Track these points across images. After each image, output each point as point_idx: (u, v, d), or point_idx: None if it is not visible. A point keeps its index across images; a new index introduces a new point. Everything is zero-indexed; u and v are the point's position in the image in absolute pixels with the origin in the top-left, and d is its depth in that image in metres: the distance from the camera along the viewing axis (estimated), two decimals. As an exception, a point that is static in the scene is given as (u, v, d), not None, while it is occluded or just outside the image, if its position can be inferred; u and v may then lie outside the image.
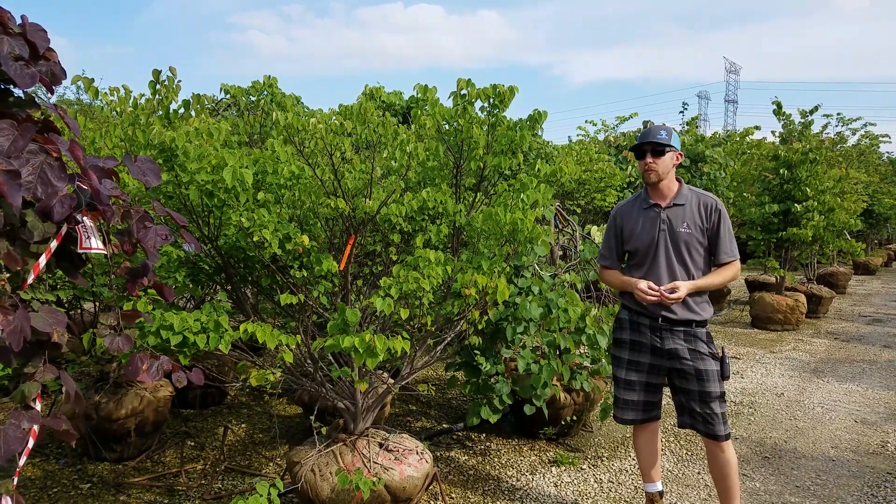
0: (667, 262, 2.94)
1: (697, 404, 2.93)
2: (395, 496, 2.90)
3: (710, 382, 2.89)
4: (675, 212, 2.95)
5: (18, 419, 1.73)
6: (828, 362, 6.97)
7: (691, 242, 2.92)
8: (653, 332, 3.00)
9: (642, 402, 3.08)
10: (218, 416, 4.80)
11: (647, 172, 2.95)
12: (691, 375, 2.92)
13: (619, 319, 3.18)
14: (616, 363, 3.16)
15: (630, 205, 3.12)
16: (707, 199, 2.98)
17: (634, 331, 3.07)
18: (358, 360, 2.34)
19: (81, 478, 3.73)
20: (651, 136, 2.93)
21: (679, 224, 2.93)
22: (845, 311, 10.49)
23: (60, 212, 1.64)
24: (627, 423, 3.12)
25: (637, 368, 3.06)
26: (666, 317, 2.94)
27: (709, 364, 2.90)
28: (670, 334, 2.95)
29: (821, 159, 8.11)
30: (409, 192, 2.72)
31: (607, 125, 8.57)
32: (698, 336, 2.94)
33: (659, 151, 2.91)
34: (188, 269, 2.97)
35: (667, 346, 2.96)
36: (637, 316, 3.05)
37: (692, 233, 2.92)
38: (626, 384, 3.09)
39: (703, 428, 2.94)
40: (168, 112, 3.55)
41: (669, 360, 2.98)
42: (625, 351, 3.10)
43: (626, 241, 3.07)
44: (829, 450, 4.37)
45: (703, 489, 3.71)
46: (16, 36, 1.71)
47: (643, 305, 2.97)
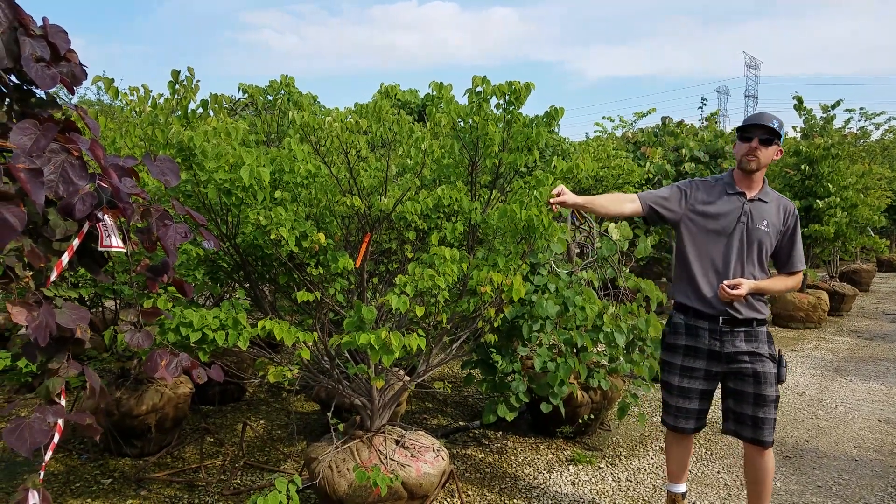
0: (737, 254, 2.78)
1: (750, 408, 2.80)
2: (412, 493, 2.91)
3: (767, 386, 2.77)
4: (758, 207, 2.79)
5: (43, 413, 1.76)
6: (850, 361, 6.88)
7: (765, 242, 2.77)
8: (712, 336, 2.83)
9: (696, 411, 2.93)
10: (237, 413, 4.85)
11: (748, 158, 2.73)
12: (748, 377, 2.79)
13: (673, 324, 2.99)
14: (667, 369, 2.98)
15: (710, 184, 2.91)
16: (786, 203, 2.84)
17: (691, 336, 2.89)
18: (374, 357, 2.35)
19: (103, 473, 3.78)
20: (764, 121, 2.71)
21: (759, 221, 2.77)
22: (868, 309, 10.33)
23: (82, 210, 1.66)
24: (683, 431, 2.97)
25: (692, 375, 2.90)
26: (729, 317, 2.79)
27: (767, 366, 2.78)
28: (731, 336, 2.80)
29: (843, 155, 8.01)
30: (425, 190, 2.72)
31: (625, 121, 8.51)
32: (759, 336, 2.81)
33: (768, 140, 2.70)
34: (207, 267, 3.00)
35: (726, 349, 2.81)
36: (695, 319, 2.88)
37: (769, 233, 2.77)
38: (681, 391, 2.93)
39: (750, 434, 2.82)
40: (186, 112, 3.59)
41: (727, 364, 2.83)
42: (678, 356, 2.93)
43: (693, 216, 2.86)
44: (852, 449, 4.32)
45: (723, 489, 3.68)
46: (37, 38, 1.73)
47: (705, 305, 2.82)
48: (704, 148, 5.49)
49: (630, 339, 4.02)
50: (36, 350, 1.78)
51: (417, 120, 6.66)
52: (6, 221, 1.43)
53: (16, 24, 1.68)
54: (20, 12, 1.70)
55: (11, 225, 1.44)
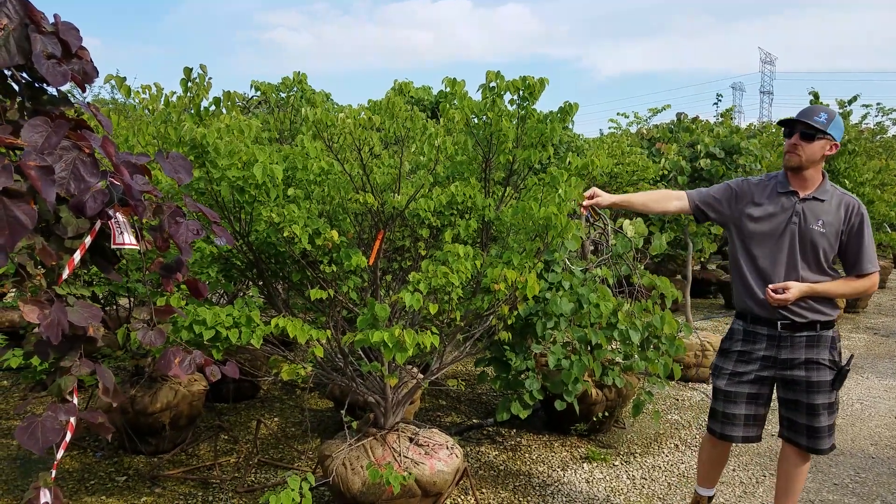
0: (789, 257, 2.64)
1: (804, 417, 2.69)
2: (426, 491, 2.89)
3: (819, 394, 2.65)
4: (812, 206, 2.62)
5: (55, 412, 1.75)
6: (867, 358, 6.80)
7: (821, 244, 2.60)
8: (770, 341, 2.71)
9: (744, 416, 2.78)
10: (251, 410, 4.85)
11: (789, 154, 2.62)
12: (801, 387, 2.68)
13: (731, 330, 2.87)
14: (717, 374, 2.87)
15: (762, 183, 2.77)
16: (850, 200, 2.64)
17: (748, 341, 2.77)
18: (388, 354, 2.33)
19: (118, 470, 3.80)
20: (805, 117, 2.58)
21: (814, 220, 2.61)
22: (885, 306, 10.21)
23: (93, 207, 1.65)
24: (729, 440, 2.84)
25: (740, 380, 2.77)
26: (786, 321, 2.65)
27: (823, 374, 2.64)
28: (790, 341, 2.67)
29: (860, 150, 7.93)
30: (438, 187, 2.70)
31: (640, 117, 8.45)
32: (822, 341, 2.65)
33: (809, 135, 2.56)
34: (220, 265, 2.99)
35: (783, 355, 2.68)
36: (752, 325, 2.75)
37: (826, 233, 2.60)
38: (727, 396, 2.80)
39: (805, 443, 2.72)
40: (199, 109, 3.59)
41: (780, 370, 2.72)
42: (730, 362, 2.81)
43: (745, 218, 2.75)
44: (869, 447, 4.27)
45: (738, 486, 3.65)
46: (48, 34, 1.73)
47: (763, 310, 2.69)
48: (720, 144, 5.43)
49: (645, 337, 3.98)
50: (48, 348, 1.78)
51: (430, 117, 6.64)
52: (17, 219, 1.42)
53: (27, 20, 1.67)
54: (31, 9, 1.69)
55: (23, 223, 1.43)
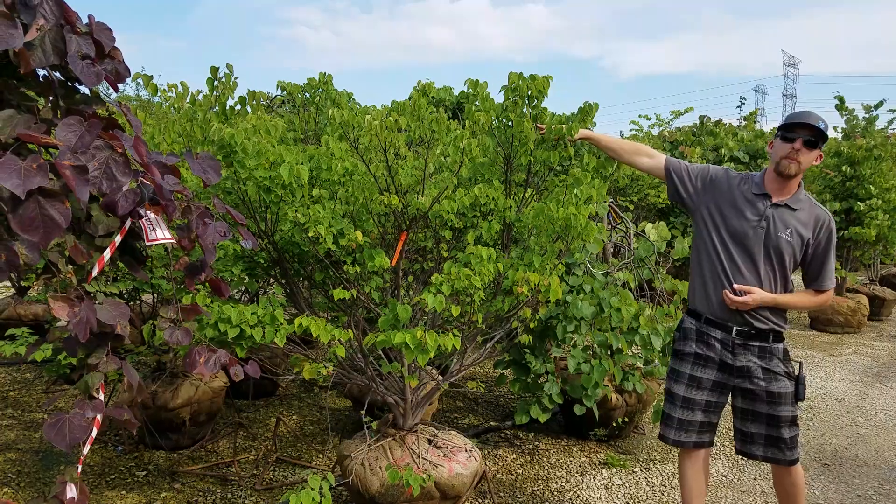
0: (753, 262, 2.57)
1: (764, 427, 2.64)
2: (444, 493, 2.89)
3: (782, 406, 2.59)
4: (783, 213, 2.55)
5: (83, 408, 1.77)
6: (891, 367, 6.69)
7: (786, 252, 2.54)
8: (724, 347, 2.63)
9: (698, 423, 2.71)
10: (270, 408, 4.88)
11: (787, 160, 2.49)
12: (761, 398, 2.61)
13: (683, 329, 2.78)
14: (674, 377, 2.76)
15: (738, 179, 2.68)
16: (820, 213, 2.57)
17: (701, 343, 2.69)
18: (409, 356, 2.33)
19: (138, 465, 3.84)
20: (811, 121, 2.46)
21: (783, 228, 2.53)
22: (911, 314, 10.06)
23: (125, 206, 1.68)
24: (676, 444, 2.75)
25: (699, 386, 2.68)
26: (742, 327, 2.60)
27: (783, 385, 2.58)
28: (743, 349, 2.61)
29: (886, 156, 7.80)
30: (461, 189, 2.70)
31: (661, 120, 8.40)
32: (775, 353, 2.61)
33: (812, 143, 2.47)
34: (245, 264, 3.02)
35: (738, 362, 2.62)
36: (706, 326, 2.67)
37: (792, 243, 2.53)
38: (685, 402, 2.70)
39: (761, 452, 2.67)
40: (225, 108, 3.62)
41: (738, 379, 2.64)
42: (686, 365, 2.72)
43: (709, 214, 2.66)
44: (893, 458, 4.20)
45: (760, 496, 3.60)
46: (83, 35, 1.75)
47: (715, 314, 2.63)
48: (744, 148, 5.37)
49: (667, 342, 3.95)
50: (76, 345, 1.80)
51: (452, 117, 6.63)
52: (52, 218, 1.44)
53: (62, 21, 1.70)
54: (67, 10, 1.71)
55: (57, 222, 1.45)
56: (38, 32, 1.63)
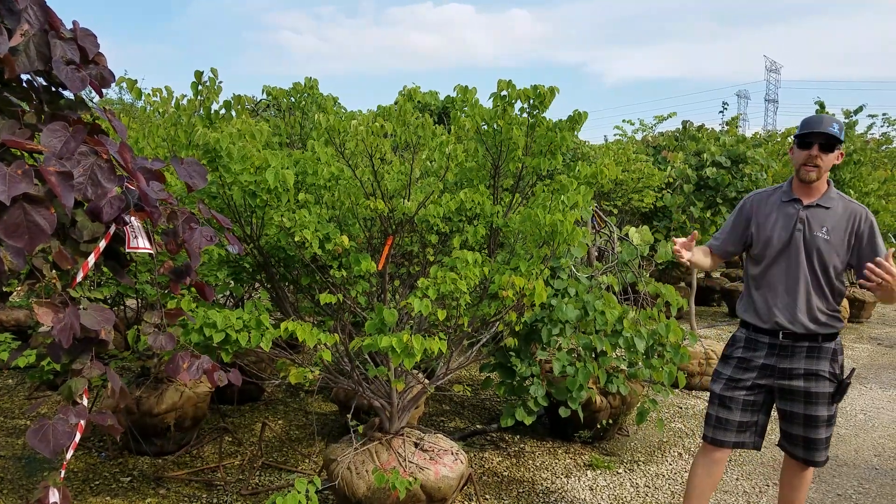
0: (797, 265, 2.61)
1: (801, 429, 2.68)
2: (430, 496, 2.90)
3: (819, 406, 2.62)
4: (816, 213, 2.60)
5: (66, 414, 1.76)
6: (870, 368, 6.80)
7: (827, 251, 2.57)
8: (770, 350, 2.68)
9: (737, 423, 2.74)
10: (255, 412, 4.87)
11: (807, 168, 2.55)
12: (799, 398, 2.65)
13: (734, 337, 2.85)
14: (715, 378, 2.84)
15: (767, 195, 2.77)
16: (856, 208, 2.60)
17: (749, 349, 2.75)
18: (395, 360, 2.34)
19: (122, 471, 3.81)
20: (824, 127, 2.51)
21: (818, 228, 2.58)
22: (889, 317, 10.20)
23: (109, 212, 1.67)
24: (721, 445, 2.77)
25: (736, 386, 2.74)
26: (788, 331, 2.63)
27: (823, 385, 2.61)
28: (791, 351, 2.65)
29: (865, 161, 7.91)
30: (447, 193, 2.72)
31: (645, 125, 8.49)
32: (823, 352, 2.63)
33: (829, 146, 2.52)
34: (230, 269, 3.01)
35: (782, 364, 2.66)
36: (755, 333, 2.73)
37: (830, 241, 2.56)
38: (721, 401, 2.76)
39: (801, 455, 2.72)
40: (209, 113, 3.61)
41: (778, 379, 2.69)
42: (729, 368, 2.78)
43: (754, 233, 2.75)
44: (872, 458, 4.27)
45: (742, 496, 3.65)
46: (67, 41, 1.75)
47: (761, 317, 2.69)
48: (726, 153, 5.44)
49: (650, 345, 3.99)
50: (60, 351, 1.79)
51: (438, 122, 6.65)
52: (37, 224, 1.44)
53: (46, 26, 1.70)
54: (51, 15, 1.71)
55: (42, 228, 1.44)
56: (22, 38, 1.63)
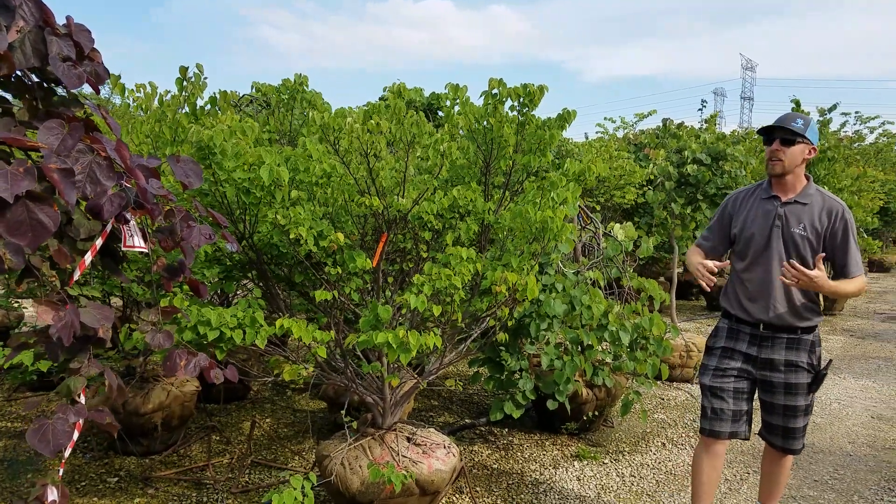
0: (778, 261, 2.68)
1: (780, 419, 2.77)
2: (424, 489, 2.93)
3: (798, 396, 2.71)
4: (794, 209, 2.68)
5: (66, 413, 1.75)
6: (843, 359, 6.97)
7: (804, 246, 2.65)
8: (752, 340, 2.78)
9: (732, 412, 2.79)
10: (242, 411, 4.85)
11: (772, 162, 2.68)
12: (779, 389, 2.73)
13: (716, 328, 2.94)
14: (703, 371, 2.91)
15: (748, 193, 2.88)
16: (833, 204, 2.67)
17: (731, 338, 2.84)
18: (392, 355, 2.36)
19: (109, 471, 3.78)
20: (784, 122, 2.64)
21: (795, 224, 2.66)
22: (860, 309, 10.45)
23: (110, 210, 1.66)
24: (718, 436, 2.81)
25: (724, 374, 2.81)
26: (768, 323, 2.71)
27: (801, 376, 2.70)
28: (771, 342, 2.73)
29: (839, 157, 8.07)
30: (440, 191, 2.74)
31: (626, 122, 8.56)
32: (802, 345, 2.71)
33: (789, 140, 2.62)
34: (221, 266, 3.00)
35: (763, 354, 2.75)
36: (738, 324, 2.83)
37: (807, 236, 2.65)
38: (713, 391, 2.82)
39: (780, 443, 2.81)
40: (195, 109, 3.58)
41: (760, 370, 2.78)
42: (714, 358, 2.86)
43: (736, 230, 2.84)
44: (846, 445, 4.38)
45: (723, 483, 3.73)
46: (63, 37, 1.73)
47: (745, 310, 2.77)
48: (707, 150, 5.53)
49: (634, 338, 4.05)
50: (59, 349, 1.78)
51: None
52: (41, 222, 1.43)
53: (41, 23, 1.68)
54: (46, 11, 1.69)
55: (46, 226, 1.44)
56: (17, 34, 1.61)
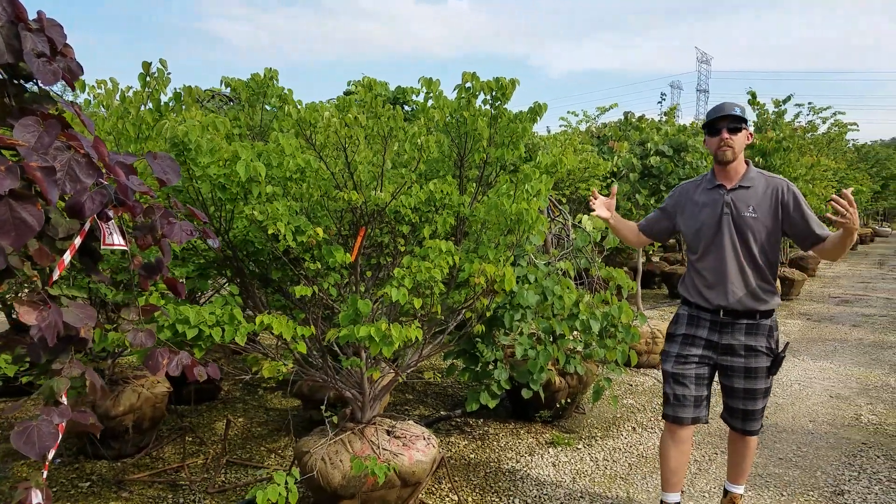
0: (731, 247, 2.73)
1: (741, 402, 2.83)
2: (405, 481, 2.95)
3: (757, 380, 2.78)
4: (740, 194, 2.74)
5: (49, 415, 1.73)
6: (802, 342, 7.22)
7: (757, 228, 2.70)
8: (712, 326, 2.82)
9: (693, 398, 2.82)
10: (213, 411, 4.79)
11: (722, 150, 2.71)
12: (739, 373, 2.79)
13: (676, 315, 2.97)
14: (665, 358, 2.94)
15: (694, 185, 2.93)
16: (776, 181, 2.74)
17: (692, 325, 2.87)
18: (374, 348, 2.37)
19: (80, 476, 3.71)
20: (727, 110, 2.70)
21: (744, 208, 2.71)
22: (816, 293, 10.81)
23: (91, 208, 1.64)
24: (682, 422, 2.84)
25: (686, 361, 2.84)
26: (728, 309, 2.75)
27: (761, 360, 2.76)
28: (731, 328, 2.78)
29: (794, 147, 8.32)
30: (416, 185, 2.75)
31: (588, 116, 8.70)
32: (761, 329, 2.76)
33: (736, 128, 2.70)
34: (195, 264, 2.96)
35: (724, 340, 2.79)
36: (697, 310, 2.86)
37: (758, 218, 2.70)
38: (675, 378, 2.85)
39: (739, 426, 2.88)
40: (159, 105, 3.52)
41: (721, 355, 2.83)
42: (675, 345, 2.90)
43: (683, 222, 2.91)
44: (808, 423, 4.55)
45: (693, 464, 3.84)
46: (36, 32, 1.70)
47: (704, 298, 2.81)
48: (668, 142, 5.66)
49: (604, 326, 4.13)
50: (42, 350, 1.76)
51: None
52: (24, 221, 1.41)
53: (13, 18, 1.65)
54: (19, 6, 1.66)
55: (30, 225, 1.42)
56: (-10, 30, 1.58)
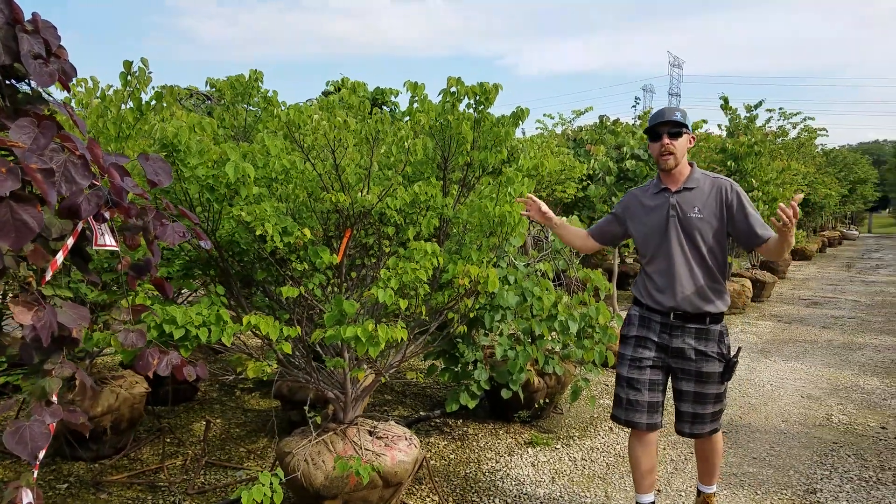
0: (679, 249, 2.75)
1: (689, 405, 2.83)
2: (387, 481, 2.99)
3: (709, 384, 2.78)
4: (685, 196, 2.77)
5: (41, 415, 1.74)
6: (773, 343, 7.39)
7: (704, 228, 2.73)
8: (662, 329, 2.83)
9: (647, 404, 2.83)
10: (191, 413, 4.78)
11: (664, 156, 2.76)
12: (690, 377, 2.80)
13: (628, 316, 2.98)
14: (619, 361, 2.95)
15: (642, 190, 2.96)
16: (720, 181, 2.78)
17: (643, 327, 2.89)
18: (361, 349, 2.41)
19: (57, 478, 3.68)
20: (667, 116, 2.74)
21: (690, 209, 2.74)
22: (786, 295, 11.07)
23: (87, 209, 1.66)
24: (635, 427, 2.85)
25: (640, 365, 2.85)
26: (678, 312, 2.78)
27: (713, 366, 2.77)
28: (681, 332, 2.79)
29: (765, 152, 8.51)
30: (401, 187, 2.80)
31: (564, 118, 8.83)
32: (711, 335, 2.78)
33: (676, 133, 2.73)
34: (180, 265, 2.97)
35: (674, 343, 2.80)
36: (648, 312, 2.89)
37: (704, 218, 2.73)
38: (629, 382, 2.85)
39: (688, 429, 2.87)
40: (140, 104, 3.51)
41: (673, 359, 2.83)
42: (629, 348, 2.90)
43: (633, 227, 2.93)
44: (780, 423, 4.68)
45: (669, 464, 3.93)
46: (32, 34, 1.71)
47: (655, 300, 2.83)
48: (643, 146, 5.78)
49: (582, 327, 4.21)
50: (35, 350, 1.77)
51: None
52: (25, 223, 1.43)
53: (11, 20, 1.66)
54: (16, 8, 1.67)
55: (30, 226, 1.43)
56: (-14, 32, 1.59)
